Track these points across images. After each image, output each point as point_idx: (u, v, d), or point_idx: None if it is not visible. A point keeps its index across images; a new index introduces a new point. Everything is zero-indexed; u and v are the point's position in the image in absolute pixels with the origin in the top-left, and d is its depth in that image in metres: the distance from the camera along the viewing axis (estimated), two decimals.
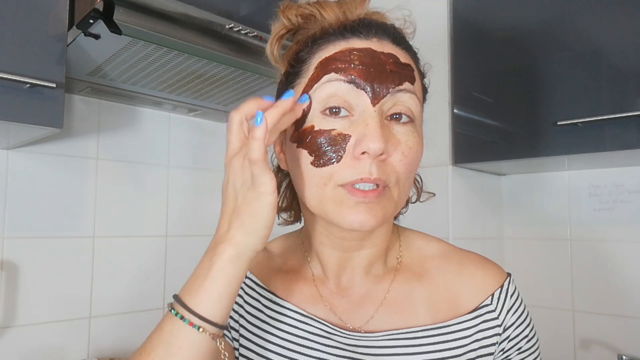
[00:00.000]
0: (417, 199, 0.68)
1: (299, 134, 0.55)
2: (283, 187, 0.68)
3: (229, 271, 0.49)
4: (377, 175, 0.51)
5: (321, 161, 0.53)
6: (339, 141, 0.52)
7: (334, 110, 0.53)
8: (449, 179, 1.31)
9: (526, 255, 1.45)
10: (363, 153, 0.51)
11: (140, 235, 1.36)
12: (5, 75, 0.83)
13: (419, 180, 0.68)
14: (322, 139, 0.53)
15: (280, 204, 0.68)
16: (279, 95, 0.56)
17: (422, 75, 0.61)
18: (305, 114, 0.55)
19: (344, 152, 0.52)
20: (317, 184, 0.54)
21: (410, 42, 0.60)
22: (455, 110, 1.32)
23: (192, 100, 1.34)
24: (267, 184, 0.48)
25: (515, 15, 1.22)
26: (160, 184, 1.42)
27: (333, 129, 0.53)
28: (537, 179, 1.46)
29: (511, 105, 1.22)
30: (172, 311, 0.49)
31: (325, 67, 0.54)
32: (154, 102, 1.35)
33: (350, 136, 0.52)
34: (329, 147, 0.53)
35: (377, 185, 0.52)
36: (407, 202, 0.67)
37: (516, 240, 1.48)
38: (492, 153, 1.25)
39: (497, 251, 1.47)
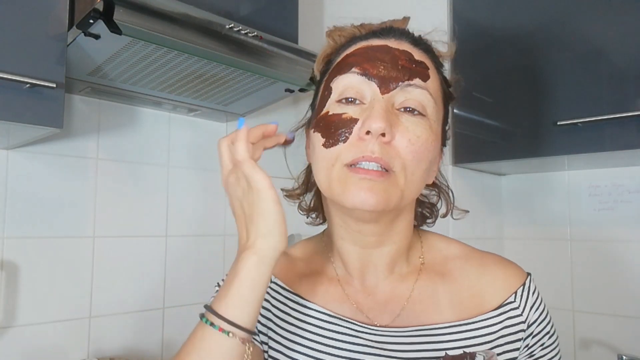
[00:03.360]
0: (447, 213, 0.69)
1: (316, 121, 0.60)
2: (315, 189, 0.71)
3: (253, 275, 0.51)
4: (379, 154, 0.54)
5: (330, 141, 0.57)
6: (348, 123, 0.56)
7: (349, 99, 0.58)
8: (449, 179, 1.30)
9: (526, 255, 1.45)
10: (367, 133, 0.54)
11: (140, 235, 1.36)
12: (5, 75, 0.83)
13: (451, 195, 0.70)
14: (333, 122, 0.57)
15: (309, 204, 0.72)
16: (314, 99, 0.66)
17: (445, 80, 0.64)
18: (324, 103, 0.60)
19: (351, 133, 0.56)
20: (326, 165, 0.57)
21: (443, 62, 0.64)
22: (455, 110, 1.32)
23: (192, 100, 1.34)
24: (261, 180, 0.52)
25: (516, 15, 1.22)
26: (160, 184, 1.42)
27: (344, 113, 0.57)
28: (537, 179, 1.46)
29: (511, 105, 1.22)
30: (203, 319, 0.52)
31: (344, 61, 0.60)
32: (154, 102, 1.35)
33: (358, 119, 0.56)
34: (338, 129, 0.56)
35: (381, 169, 0.54)
36: (436, 214, 0.70)
37: (516, 240, 1.48)
38: (492, 153, 1.25)
39: (496, 251, 1.47)
